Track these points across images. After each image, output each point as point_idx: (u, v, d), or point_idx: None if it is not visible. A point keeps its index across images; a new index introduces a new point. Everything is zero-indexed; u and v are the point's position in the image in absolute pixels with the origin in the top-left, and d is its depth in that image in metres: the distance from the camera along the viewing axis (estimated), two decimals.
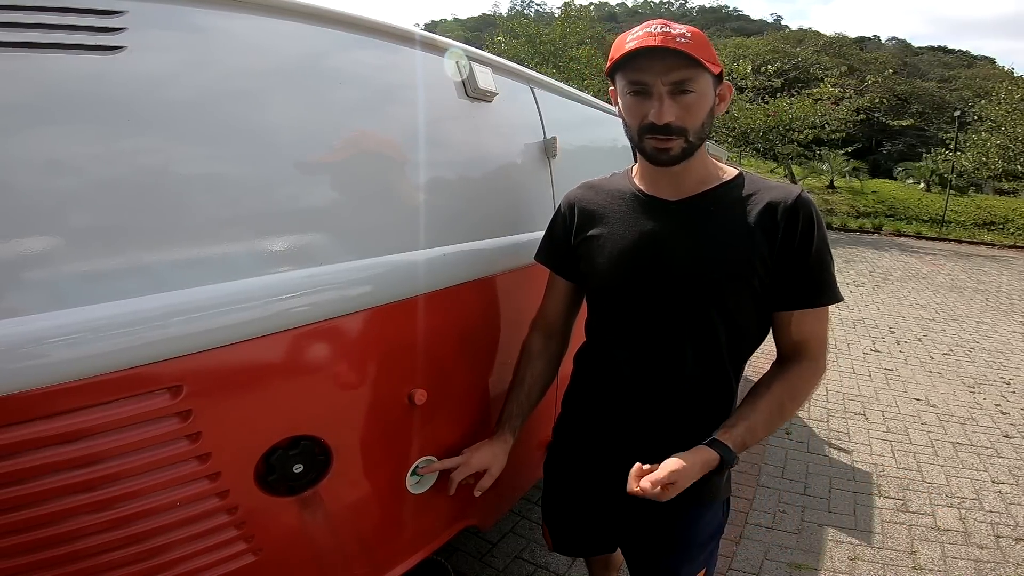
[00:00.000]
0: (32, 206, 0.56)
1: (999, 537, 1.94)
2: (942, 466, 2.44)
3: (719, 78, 0.83)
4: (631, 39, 0.78)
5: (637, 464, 0.79)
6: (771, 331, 0.90)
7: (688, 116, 0.79)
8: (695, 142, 0.82)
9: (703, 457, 0.80)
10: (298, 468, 0.75)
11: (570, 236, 0.96)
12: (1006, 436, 2.77)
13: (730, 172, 0.89)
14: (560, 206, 1.00)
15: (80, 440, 0.57)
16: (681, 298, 0.85)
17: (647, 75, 0.78)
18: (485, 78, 1.12)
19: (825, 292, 0.84)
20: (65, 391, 0.55)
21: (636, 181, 0.92)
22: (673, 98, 0.79)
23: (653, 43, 0.75)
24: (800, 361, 0.87)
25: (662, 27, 0.77)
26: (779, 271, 0.83)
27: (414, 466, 0.94)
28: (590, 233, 0.93)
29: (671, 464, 0.78)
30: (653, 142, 0.81)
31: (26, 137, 0.56)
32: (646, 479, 0.77)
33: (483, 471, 0.99)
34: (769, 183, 0.87)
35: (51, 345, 0.54)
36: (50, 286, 0.56)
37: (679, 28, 0.78)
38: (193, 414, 0.63)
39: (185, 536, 0.66)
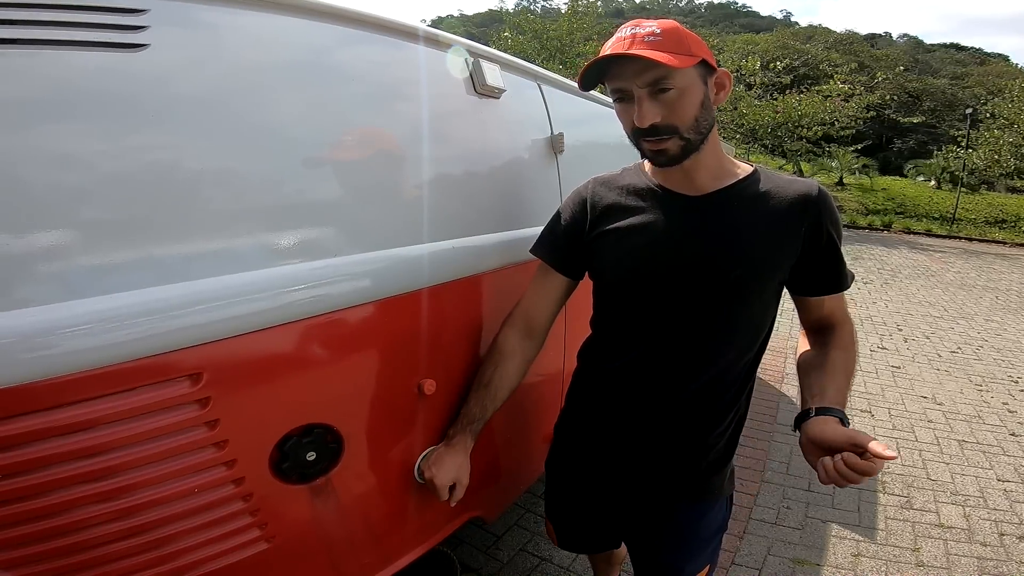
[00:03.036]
0: (57, 200, 0.58)
1: (1003, 535, 1.94)
2: (947, 464, 2.44)
3: (708, 67, 0.80)
4: (604, 49, 0.80)
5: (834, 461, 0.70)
6: (797, 311, 0.95)
7: (672, 113, 0.78)
8: (692, 138, 0.80)
9: (834, 423, 0.76)
10: (311, 456, 0.77)
11: (583, 231, 0.94)
12: (1013, 435, 2.76)
13: (745, 168, 0.89)
14: (568, 201, 0.98)
15: (104, 426, 0.59)
16: (702, 296, 0.85)
17: (622, 81, 0.79)
18: (493, 75, 1.13)
19: (845, 277, 0.89)
20: (89, 378, 0.57)
21: (651, 176, 0.91)
22: (653, 99, 0.78)
23: (620, 50, 0.77)
24: (834, 328, 0.91)
25: (631, 29, 0.78)
26: (804, 263, 0.85)
27: (423, 455, 0.96)
28: (607, 227, 0.91)
29: (854, 436, 0.70)
30: (647, 144, 0.82)
31: (54, 132, 0.58)
32: (879, 448, 0.67)
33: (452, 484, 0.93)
34: (785, 178, 0.88)
35: (75, 333, 0.56)
36: (72, 276, 0.58)
37: (648, 27, 0.77)
38: (212, 401, 0.65)
39: (201, 523, 0.68)
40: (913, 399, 3.17)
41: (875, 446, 0.66)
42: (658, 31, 0.76)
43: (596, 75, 0.82)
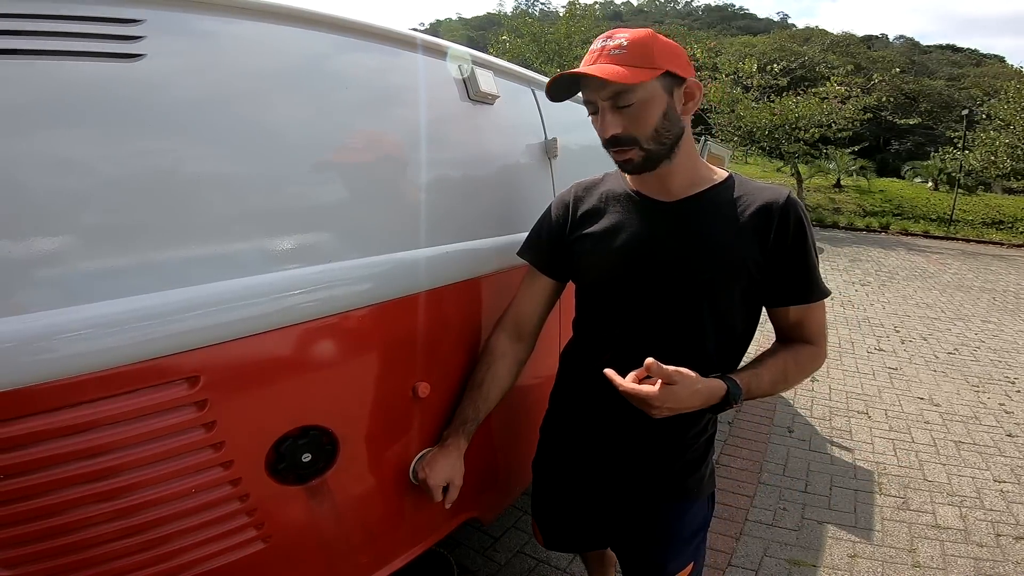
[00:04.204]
0: (57, 206, 0.59)
1: (999, 535, 1.95)
2: (944, 465, 2.45)
3: (676, 78, 0.81)
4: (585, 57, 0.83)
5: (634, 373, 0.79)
6: (772, 323, 0.93)
7: (633, 125, 0.81)
8: (653, 148, 0.83)
9: (711, 382, 0.80)
10: (307, 457, 0.78)
11: (564, 233, 0.97)
12: (1009, 435, 2.76)
13: (721, 174, 0.91)
14: (552, 205, 1.02)
15: (103, 428, 0.60)
16: (674, 297, 0.87)
17: (589, 93, 0.83)
18: (487, 81, 1.14)
19: (816, 288, 0.87)
20: (89, 381, 0.58)
21: (629, 181, 0.95)
22: (616, 111, 0.81)
23: (590, 62, 0.80)
24: (803, 344, 0.90)
25: (603, 42, 0.81)
26: (772, 270, 0.86)
27: (418, 457, 0.97)
28: (586, 231, 0.94)
29: (680, 368, 0.78)
30: (613, 153, 0.86)
31: (54, 140, 0.59)
32: (639, 374, 0.78)
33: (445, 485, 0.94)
34: (758, 185, 0.90)
35: (75, 338, 0.57)
36: (71, 281, 0.59)
37: (618, 39, 0.80)
38: (209, 404, 0.66)
39: (199, 523, 0.69)
40: (910, 400, 3.18)
41: (648, 361, 0.76)
42: (625, 44, 0.79)
43: (566, 88, 0.85)
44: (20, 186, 0.57)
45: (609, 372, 0.80)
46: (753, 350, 0.96)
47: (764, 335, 0.94)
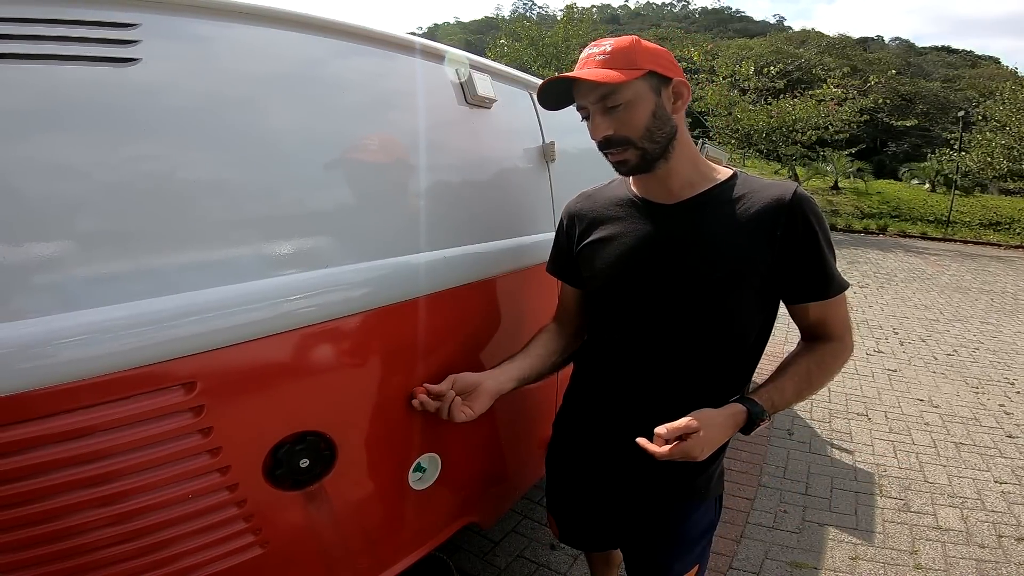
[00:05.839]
0: (53, 212, 0.59)
1: (1001, 537, 1.94)
2: (944, 466, 2.44)
3: (662, 78, 0.83)
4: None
5: (645, 439, 0.80)
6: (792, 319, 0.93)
7: (623, 126, 0.83)
8: (648, 147, 0.84)
9: (729, 410, 0.82)
10: (304, 463, 0.78)
11: (572, 245, 0.99)
12: (1009, 436, 2.76)
13: (725, 172, 0.90)
14: (561, 218, 1.04)
15: (100, 434, 0.60)
16: (679, 299, 0.87)
17: (580, 99, 0.86)
18: (484, 85, 1.15)
19: (833, 282, 0.85)
20: (86, 387, 0.58)
21: (632, 186, 0.95)
22: (605, 113, 0.83)
23: (577, 69, 0.83)
24: (827, 341, 0.89)
25: (589, 50, 0.83)
26: (783, 267, 0.84)
27: (416, 462, 0.97)
28: (590, 239, 0.95)
29: (691, 415, 0.79)
30: (609, 156, 0.87)
31: (49, 145, 0.59)
32: (659, 439, 0.79)
33: (472, 391, 0.92)
34: (764, 181, 0.88)
35: (72, 343, 0.57)
36: (68, 287, 0.59)
37: (603, 46, 0.82)
38: (205, 409, 0.66)
39: (196, 528, 0.69)
40: (910, 402, 3.18)
41: (658, 430, 0.79)
42: (609, 49, 0.81)
43: (556, 97, 0.87)
44: (16, 191, 0.57)
45: (642, 441, 0.81)
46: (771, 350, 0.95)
47: (781, 337, 0.94)
